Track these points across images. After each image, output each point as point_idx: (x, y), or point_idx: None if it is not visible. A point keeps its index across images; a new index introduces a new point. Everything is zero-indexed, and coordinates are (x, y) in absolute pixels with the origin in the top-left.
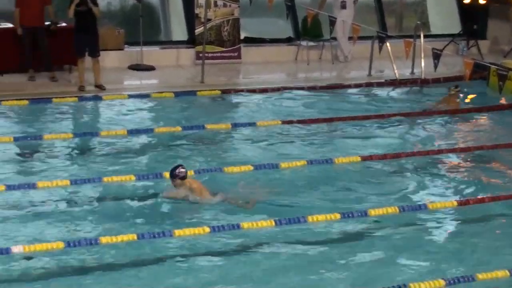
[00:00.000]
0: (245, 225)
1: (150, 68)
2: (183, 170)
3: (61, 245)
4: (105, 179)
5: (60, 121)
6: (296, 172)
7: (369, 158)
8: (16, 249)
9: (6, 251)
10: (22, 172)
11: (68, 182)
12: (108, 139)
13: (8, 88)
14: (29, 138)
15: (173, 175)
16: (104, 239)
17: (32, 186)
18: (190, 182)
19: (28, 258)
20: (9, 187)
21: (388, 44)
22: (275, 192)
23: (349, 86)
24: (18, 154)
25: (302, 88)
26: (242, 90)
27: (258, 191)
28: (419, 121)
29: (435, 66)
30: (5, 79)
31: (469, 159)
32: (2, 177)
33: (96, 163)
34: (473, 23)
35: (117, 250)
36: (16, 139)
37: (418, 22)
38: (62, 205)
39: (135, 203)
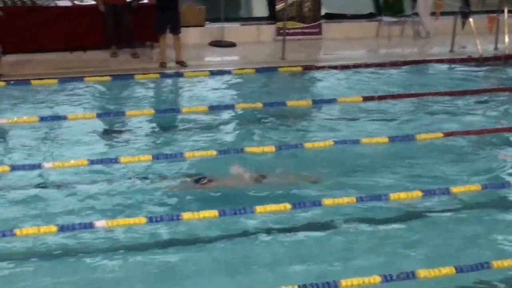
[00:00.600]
0: (327, 201)
1: (231, 45)
2: (205, 181)
3: (143, 220)
4: (186, 154)
5: (142, 97)
6: (377, 149)
7: (452, 134)
8: (99, 223)
9: (90, 226)
10: (104, 148)
11: (150, 158)
12: (189, 116)
13: (91, 65)
14: (111, 115)
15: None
16: (185, 215)
17: (115, 160)
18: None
19: (110, 231)
20: (92, 162)
21: (471, 19)
22: (355, 169)
23: (431, 62)
24: (101, 131)
25: (383, 64)
26: (323, 67)
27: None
28: (503, 97)
29: None
30: (88, 56)
31: None
32: (86, 153)
33: (178, 139)
34: None
35: (196, 224)
36: (98, 115)
37: None
38: (145, 180)
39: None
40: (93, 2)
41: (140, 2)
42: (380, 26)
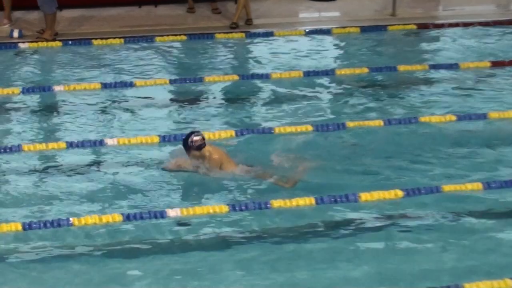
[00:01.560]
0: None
1: None
2: (197, 138)
3: (225, 209)
4: (276, 129)
5: (224, 60)
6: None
7: None
8: (172, 212)
9: (161, 215)
10: (178, 120)
11: (233, 133)
12: (280, 83)
13: (163, 22)
14: (187, 81)
15: (187, 146)
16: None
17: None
18: (210, 152)
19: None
20: (164, 139)
21: None
22: (482, 150)
23: None
24: (174, 100)
25: None
26: (441, 25)
27: (301, 165)
28: None
29: None
30: (160, 11)
31: None
32: (156, 127)
33: (265, 112)
34: None
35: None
36: (172, 82)
37: None
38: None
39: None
40: None
41: None
42: None
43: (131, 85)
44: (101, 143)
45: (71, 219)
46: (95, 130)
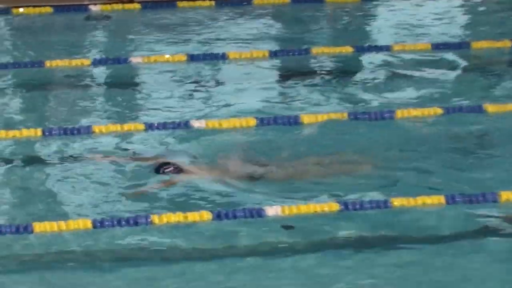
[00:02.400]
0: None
1: None
2: (168, 169)
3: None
4: (399, 112)
5: (335, 29)
6: None
7: None
8: (272, 210)
9: (259, 214)
10: (278, 99)
11: (345, 115)
12: (402, 55)
13: None
14: (290, 53)
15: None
16: None
17: (294, 120)
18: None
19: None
20: (262, 121)
21: None
22: None
23: None
24: (275, 75)
25: None
26: None
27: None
28: None
29: None
30: None
31: None
32: (254, 106)
33: (383, 89)
34: None
35: None
36: (272, 54)
37: None
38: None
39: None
40: None
41: None
42: None
43: (223, 57)
44: (187, 125)
45: (150, 216)
46: (179, 110)
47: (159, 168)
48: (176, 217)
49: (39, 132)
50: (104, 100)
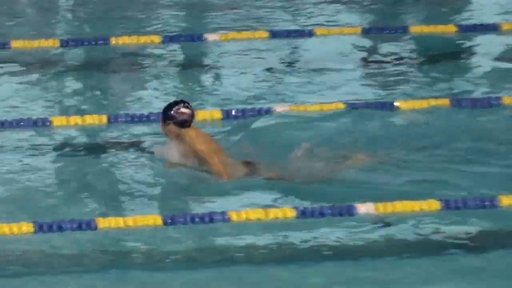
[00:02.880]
0: None
1: None
2: (185, 110)
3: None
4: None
5: (436, 5)
6: None
7: None
8: (364, 208)
9: (349, 212)
10: (369, 81)
11: (447, 102)
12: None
13: None
14: (385, 31)
15: (166, 115)
16: None
17: (390, 107)
18: (192, 135)
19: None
20: (352, 106)
21: None
22: None
23: None
24: (368, 55)
25: None
26: None
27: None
28: None
29: None
30: None
31: None
32: (340, 88)
33: (491, 75)
34: None
35: None
36: (366, 31)
37: None
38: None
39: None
40: None
41: None
42: None
43: (309, 34)
44: (268, 111)
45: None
46: (260, 93)
47: (180, 102)
48: (255, 214)
49: (104, 118)
50: (175, 82)
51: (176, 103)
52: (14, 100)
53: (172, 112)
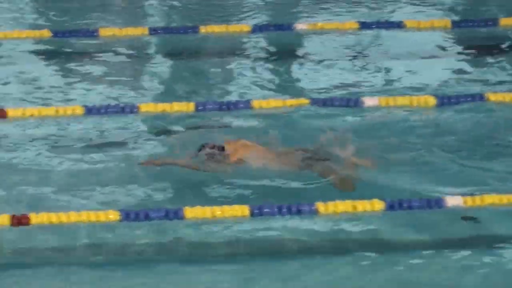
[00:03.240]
0: None
1: None
2: (210, 151)
3: None
4: None
5: None
6: None
7: None
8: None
9: (438, 205)
10: (460, 75)
11: None
12: None
13: None
14: (475, 24)
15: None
16: None
17: (480, 98)
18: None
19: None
20: (442, 101)
21: None
22: None
23: None
24: (458, 48)
25: None
26: None
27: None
28: None
29: None
30: None
31: None
32: (430, 82)
33: None
34: None
35: None
36: (455, 24)
37: None
38: None
39: None
40: None
41: None
42: None
43: (399, 26)
44: (356, 102)
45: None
46: (348, 84)
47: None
48: (343, 206)
49: (191, 106)
50: (264, 72)
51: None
52: (102, 86)
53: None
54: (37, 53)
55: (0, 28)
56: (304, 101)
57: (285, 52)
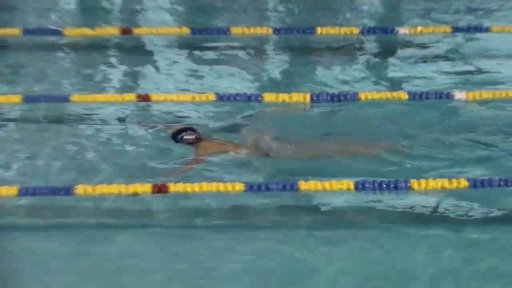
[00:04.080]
0: None
1: None
2: (189, 137)
3: None
4: None
5: None
6: None
7: None
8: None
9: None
10: None
11: None
12: None
13: None
14: None
15: (177, 140)
16: None
17: None
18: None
19: None
20: None
21: None
22: None
23: None
24: None
25: None
26: None
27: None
28: None
29: None
30: None
31: None
32: None
33: None
34: None
35: None
36: None
37: None
38: None
39: None
40: None
41: None
42: None
43: (486, 30)
44: (449, 96)
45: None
46: (440, 81)
47: (177, 135)
48: (435, 184)
49: (307, 97)
50: (370, 69)
51: (178, 132)
52: (232, 78)
53: (178, 138)
54: (178, 47)
55: (150, 25)
56: (403, 95)
57: (388, 52)
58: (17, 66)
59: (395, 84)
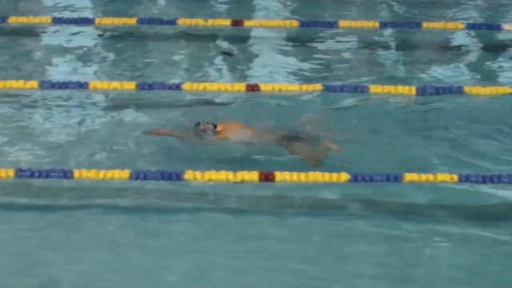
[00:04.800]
0: None
1: None
2: (203, 127)
3: None
4: None
5: None
6: None
7: None
8: None
9: None
10: None
11: None
12: None
13: None
14: None
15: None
16: None
17: None
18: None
19: None
20: None
21: None
22: None
23: None
24: None
25: None
26: None
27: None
28: None
29: None
30: None
31: None
32: None
33: None
34: None
35: None
36: None
37: None
38: None
39: None
40: None
41: None
42: None
43: None
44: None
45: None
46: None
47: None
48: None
49: (413, 89)
50: (474, 64)
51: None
52: (338, 70)
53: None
54: (286, 39)
55: (260, 18)
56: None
57: (491, 49)
58: (132, 56)
59: (498, 80)
